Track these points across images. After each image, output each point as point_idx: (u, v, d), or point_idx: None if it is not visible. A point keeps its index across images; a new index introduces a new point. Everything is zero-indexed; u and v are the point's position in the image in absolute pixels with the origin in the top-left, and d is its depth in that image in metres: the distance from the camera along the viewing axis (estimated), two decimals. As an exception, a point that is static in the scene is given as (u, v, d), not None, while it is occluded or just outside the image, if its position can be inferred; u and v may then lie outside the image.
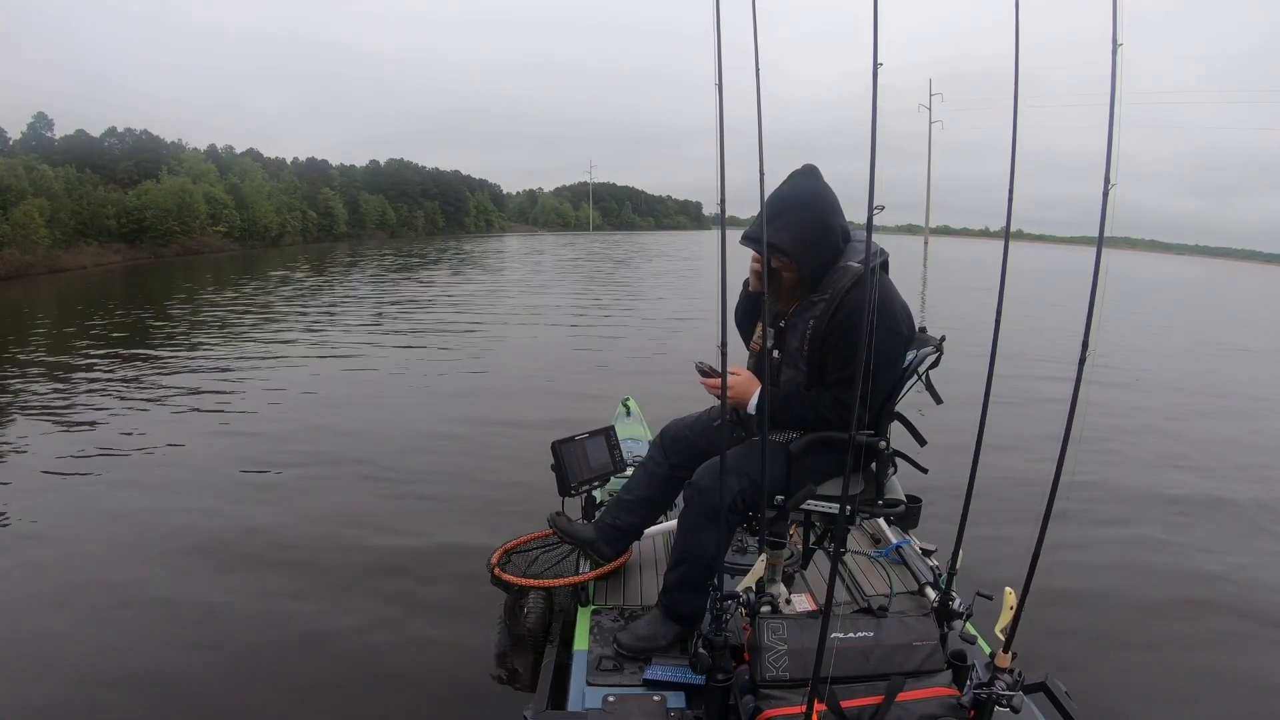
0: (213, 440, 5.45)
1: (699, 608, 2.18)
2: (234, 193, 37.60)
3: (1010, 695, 1.67)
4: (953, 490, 2.21)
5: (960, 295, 17.77)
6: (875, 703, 1.66)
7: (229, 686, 2.57)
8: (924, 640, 1.81)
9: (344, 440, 5.47)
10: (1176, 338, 13.99)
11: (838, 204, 2.12)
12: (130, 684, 2.59)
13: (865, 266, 1.70)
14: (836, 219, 2.10)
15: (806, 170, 2.12)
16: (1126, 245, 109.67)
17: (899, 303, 2.10)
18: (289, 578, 3.34)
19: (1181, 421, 6.99)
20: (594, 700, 1.99)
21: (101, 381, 7.31)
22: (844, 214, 2.14)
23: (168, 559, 3.53)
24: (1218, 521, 4.41)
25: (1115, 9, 1.53)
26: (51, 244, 24.47)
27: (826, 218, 2.08)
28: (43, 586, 3.26)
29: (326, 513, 4.08)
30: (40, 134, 35.36)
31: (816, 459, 2.11)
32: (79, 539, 3.73)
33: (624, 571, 2.73)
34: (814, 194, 2.09)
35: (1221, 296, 29.76)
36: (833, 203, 2.11)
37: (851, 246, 2.11)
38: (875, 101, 1.47)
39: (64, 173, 28.66)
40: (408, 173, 64.55)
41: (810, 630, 1.75)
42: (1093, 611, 3.26)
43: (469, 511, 4.11)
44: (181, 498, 4.28)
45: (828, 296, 2.05)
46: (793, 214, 2.04)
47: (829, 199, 2.11)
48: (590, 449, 2.95)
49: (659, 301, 15.94)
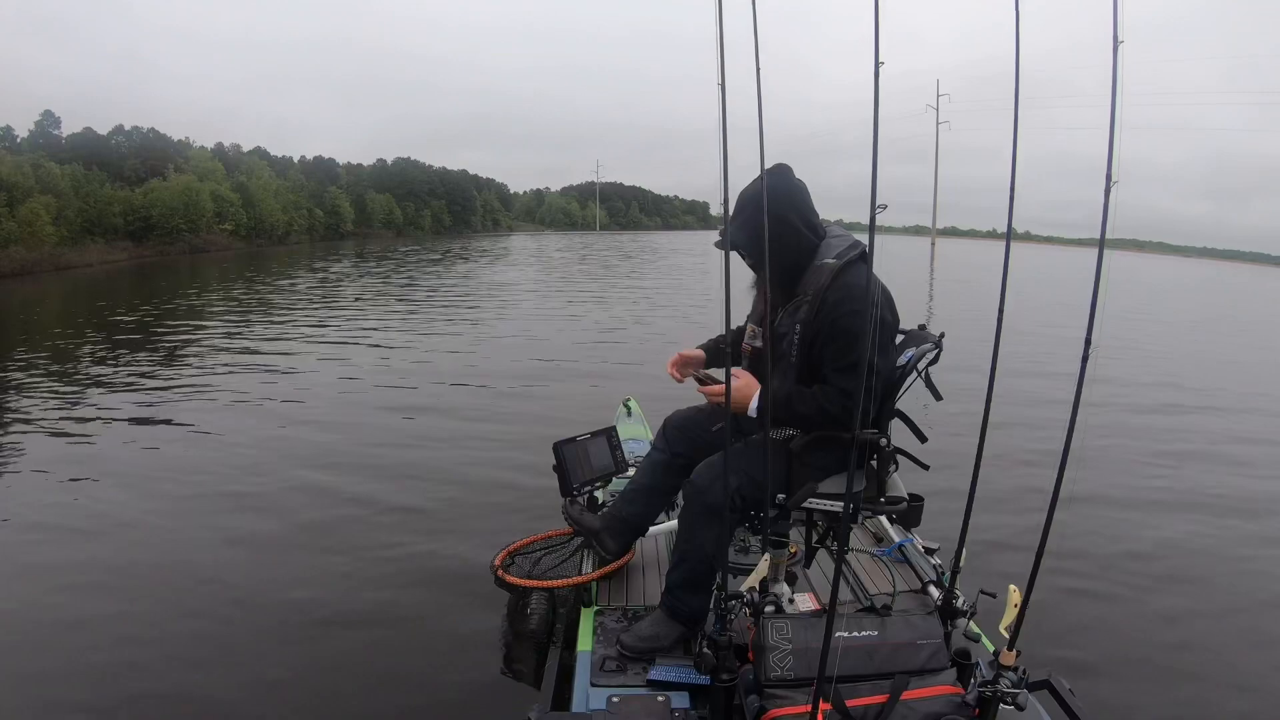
0: (212, 437, 5.48)
1: (701, 607, 2.18)
2: (241, 191, 37.73)
3: (1015, 693, 1.67)
4: (955, 490, 2.21)
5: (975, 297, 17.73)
6: (880, 701, 1.65)
7: (230, 685, 2.57)
8: (928, 639, 1.80)
9: (344, 440, 5.49)
10: (1180, 334, 13.97)
11: (803, 200, 2.10)
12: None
13: (868, 267, 1.69)
14: (799, 215, 2.08)
15: (774, 169, 2.10)
16: (1134, 247, 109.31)
17: (878, 290, 2.04)
18: (290, 577, 3.35)
19: (1185, 418, 7.00)
20: (598, 701, 1.99)
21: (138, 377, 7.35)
22: (815, 211, 2.13)
23: (165, 559, 3.54)
24: (1227, 518, 4.41)
25: (1116, 8, 1.52)
26: (58, 241, 24.59)
27: (785, 214, 2.05)
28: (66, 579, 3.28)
29: (325, 513, 4.07)
30: (47, 131, 35.59)
31: (817, 456, 2.11)
32: (73, 542, 3.74)
33: (627, 572, 2.73)
34: (771, 191, 2.02)
35: (1221, 298, 29.71)
36: (796, 200, 2.09)
37: (827, 243, 2.11)
38: (877, 101, 1.47)
39: (71, 170, 28.80)
40: (414, 172, 64.69)
41: (814, 629, 1.75)
42: (1097, 608, 3.25)
43: (471, 513, 4.10)
44: (182, 497, 4.30)
45: (809, 298, 2.05)
46: (749, 212, 2.03)
47: (792, 197, 2.08)
48: (592, 450, 2.95)
49: (662, 300, 15.94)
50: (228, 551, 3.58)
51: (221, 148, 45.39)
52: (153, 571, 3.41)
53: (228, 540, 3.70)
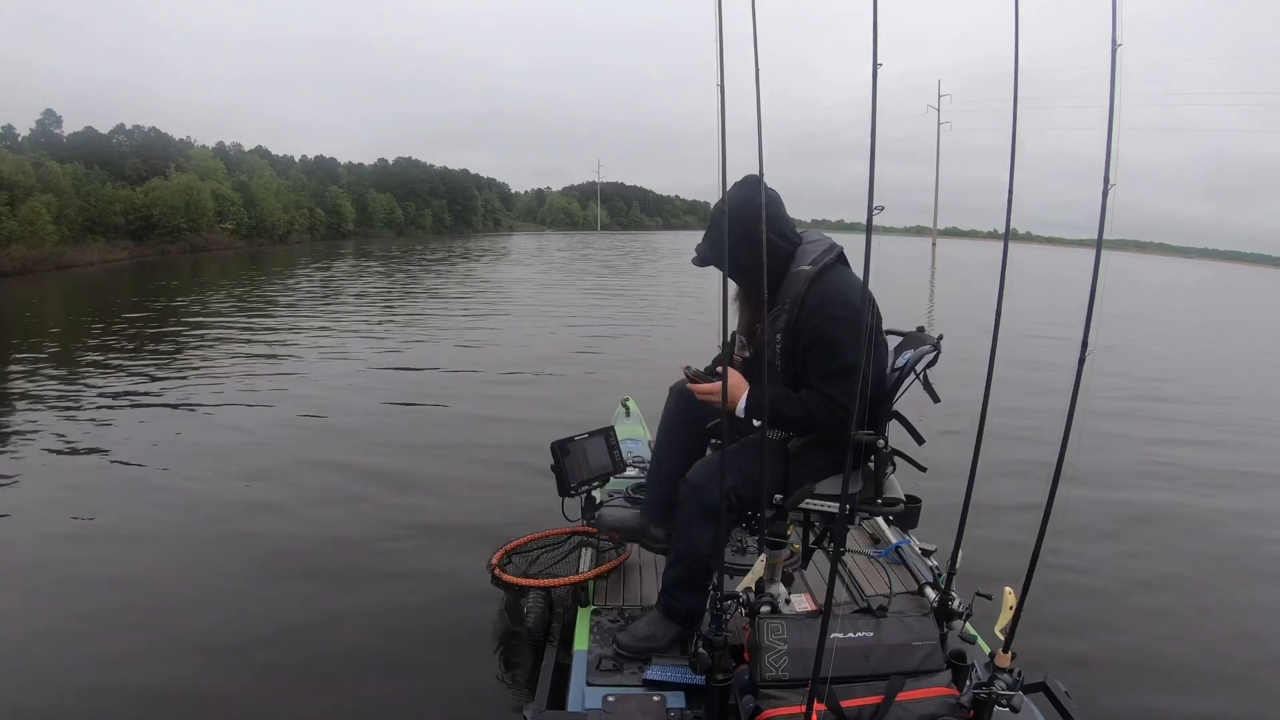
0: (217, 431, 5.49)
1: (697, 607, 2.18)
2: (242, 190, 37.74)
3: (1010, 695, 1.67)
4: (952, 491, 2.20)
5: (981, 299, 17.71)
6: (875, 702, 1.65)
7: (228, 682, 2.57)
8: (923, 640, 1.81)
9: (346, 438, 5.49)
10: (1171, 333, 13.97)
11: (773, 211, 2.09)
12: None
13: (865, 270, 1.69)
14: (770, 226, 2.07)
15: (743, 181, 2.11)
16: (1134, 248, 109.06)
17: (855, 291, 2.03)
18: (290, 575, 3.35)
19: (1186, 415, 7.02)
20: (594, 700, 1.99)
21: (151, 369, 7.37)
22: (787, 218, 2.15)
23: (165, 558, 3.55)
24: (1223, 519, 4.41)
25: (1115, 9, 1.53)
26: (59, 240, 24.60)
27: (750, 226, 2.03)
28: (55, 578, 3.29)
29: (324, 513, 4.07)
30: (49, 130, 35.61)
31: (815, 457, 2.11)
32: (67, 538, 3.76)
33: (623, 571, 2.73)
34: (734, 204, 2.03)
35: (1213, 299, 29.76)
36: (771, 213, 2.08)
37: (803, 249, 2.12)
38: (875, 101, 1.48)
39: (72, 169, 28.81)
40: (415, 171, 64.69)
41: (810, 630, 1.75)
42: (1093, 610, 3.25)
43: (468, 511, 4.10)
44: (183, 493, 4.31)
45: (788, 306, 2.06)
46: (715, 229, 2.05)
47: (760, 209, 2.06)
48: (590, 449, 2.96)
49: (664, 300, 15.93)
50: (219, 548, 3.59)
51: (223, 147, 45.40)
52: (155, 562, 3.44)
53: (218, 538, 3.71)
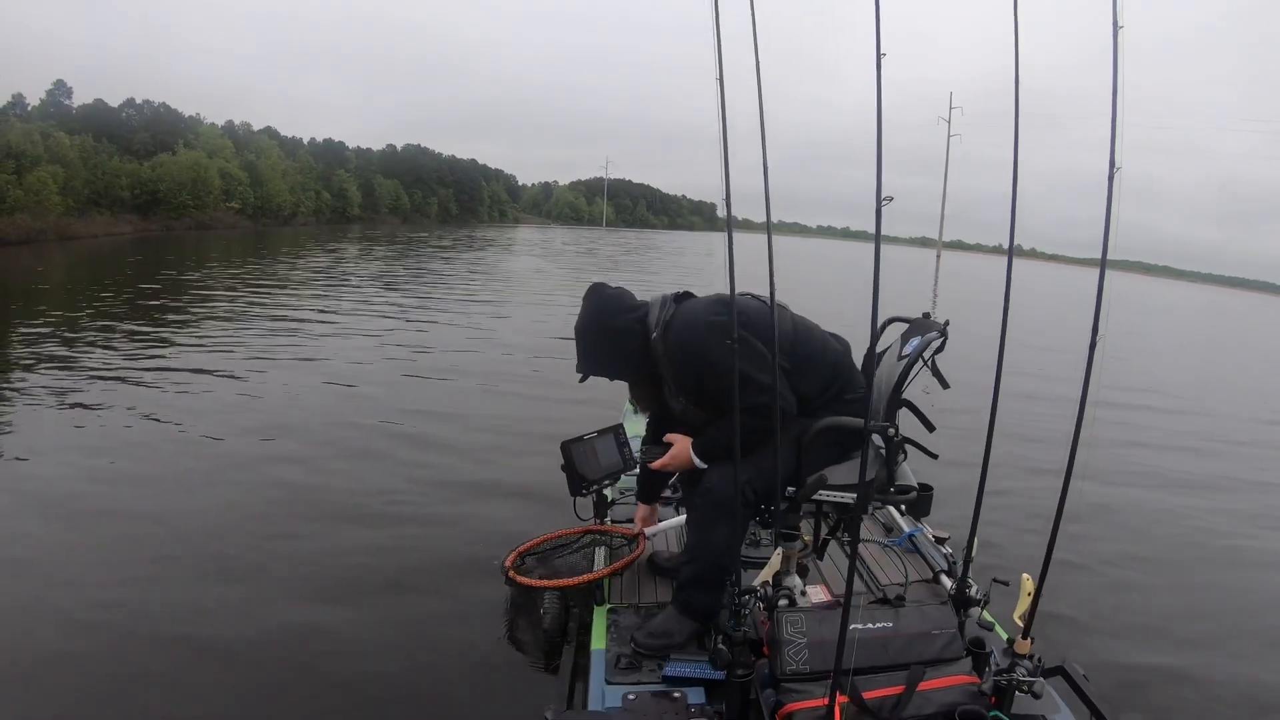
0: (223, 423, 5.47)
1: (714, 603, 2.17)
2: (249, 170, 37.70)
3: (1031, 681, 1.67)
4: (966, 479, 2.21)
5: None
6: (897, 693, 1.65)
7: (239, 685, 2.48)
8: (942, 628, 1.81)
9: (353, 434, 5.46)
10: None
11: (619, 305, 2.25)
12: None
13: (875, 266, 1.68)
14: (616, 320, 2.22)
15: (585, 295, 2.30)
16: (1141, 270, 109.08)
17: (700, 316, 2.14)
18: (299, 576, 3.21)
19: (1198, 410, 7.13)
20: (614, 699, 1.98)
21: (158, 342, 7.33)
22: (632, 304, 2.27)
23: (165, 556, 3.39)
24: (1238, 503, 4.50)
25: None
26: (64, 211, 24.57)
27: (605, 325, 2.22)
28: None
29: (338, 510, 3.90)
30: (58, 101, 35.52)
31: (826, 446, 2.12)
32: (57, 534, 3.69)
33: (638, 568, 2.71)
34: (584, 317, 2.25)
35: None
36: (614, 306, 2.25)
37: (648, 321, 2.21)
38: (880, 92, 1.49)
39: (80, 141, 28.76)
40: (424, 159, 64.67)
41: (828, 622, 1.74)
42: (1108, 593, 3.27)
43: (480, 513, 3.94)
44: (179, 491, 4.16)
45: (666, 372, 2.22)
46: (581, 344, 2.26)
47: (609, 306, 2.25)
48: (600, 448, 2.95)
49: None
50: (219, 551, 3.41)
51: (231, 125, 45.29)
52: (160, 541, 3.40)
53: (220, 539, 3.53)
